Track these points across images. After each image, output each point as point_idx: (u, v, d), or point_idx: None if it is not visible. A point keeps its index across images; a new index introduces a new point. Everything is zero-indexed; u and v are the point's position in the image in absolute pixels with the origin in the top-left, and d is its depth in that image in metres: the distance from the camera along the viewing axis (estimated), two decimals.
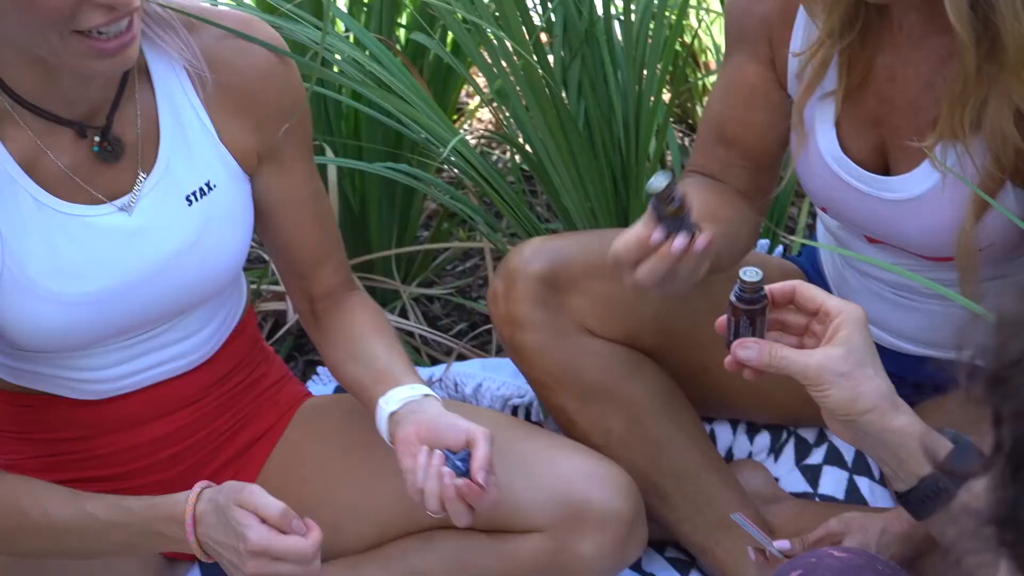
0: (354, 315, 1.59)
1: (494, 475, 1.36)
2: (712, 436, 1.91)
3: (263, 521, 1.33)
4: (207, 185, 1.47)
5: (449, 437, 1.37)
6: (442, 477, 1.34)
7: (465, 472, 1.34)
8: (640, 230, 1.30)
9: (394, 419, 1.43)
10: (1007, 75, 1.37)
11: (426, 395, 1.44)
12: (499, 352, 2.25)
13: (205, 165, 1.47)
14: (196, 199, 1.47)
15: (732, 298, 1.12)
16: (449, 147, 1.83)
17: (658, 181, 1.14)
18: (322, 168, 2.11)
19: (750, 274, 1.11)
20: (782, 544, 1.37)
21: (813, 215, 2.55)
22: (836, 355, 1.06)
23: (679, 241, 1.27)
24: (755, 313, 1.11)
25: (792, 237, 2.43)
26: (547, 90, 1.95)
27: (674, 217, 1.19)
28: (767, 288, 1.15)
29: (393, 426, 1.42)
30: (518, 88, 2.00)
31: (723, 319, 1.16)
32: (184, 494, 1.39)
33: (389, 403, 1.44)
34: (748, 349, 1.11)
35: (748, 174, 1.67)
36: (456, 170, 2.52)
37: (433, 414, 1.41)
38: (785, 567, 1.17)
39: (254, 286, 2.21)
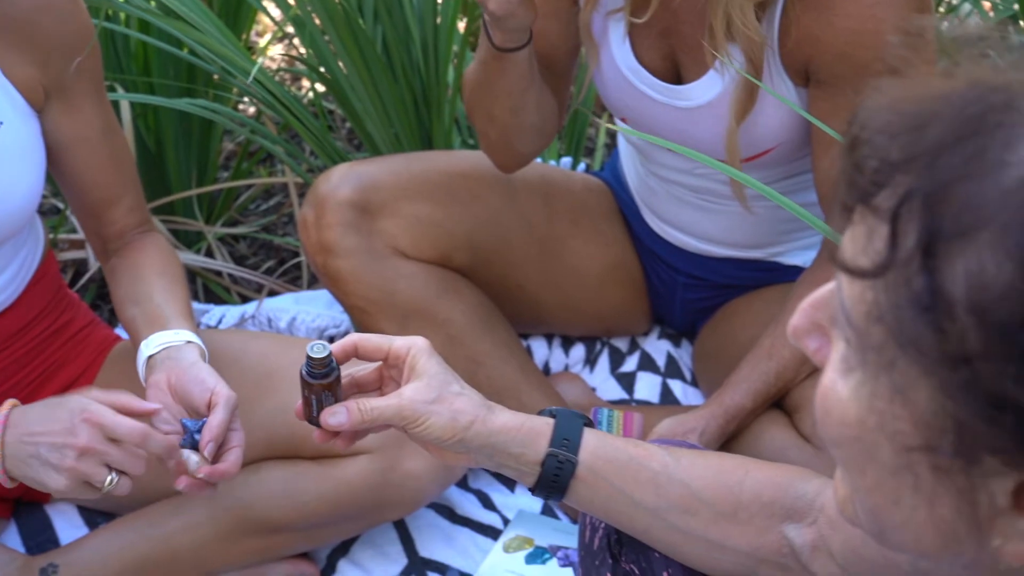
0: (141, 256, 1.56)
1: (237, 447, 1.32)
2: (529, 351, 1.95)
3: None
4: None
5: (194, 394, 1.34)
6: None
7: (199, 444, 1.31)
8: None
9: (150, 363, 1.40)
10: None
11: (188, 341, 1.41)
12: (311, 285, 2.24)
13: None
14: None
15: (305, 377, 1.09)
16: (255, 70, 1.80)
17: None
18: (115, 106, 2.04)
19: (317, 349, 1.08)
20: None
21: (612, 135, 2.61)
22: (420, 386, 1.06)
23: None
24: (333, 384, 1.09)
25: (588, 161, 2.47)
26: (344, 16, 1.92)
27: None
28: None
29: (148, 370, 1.40)
30: (314, 15, 1.97)
31: (299, 405, 1.11)
32: None
33: (149, 346, 1.41)
34: (337, 415, 1.08)
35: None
36: (254, 106, 2.48)
37: (187, 364, 1.37)
38: None
39: (50, 236, 2.13)
